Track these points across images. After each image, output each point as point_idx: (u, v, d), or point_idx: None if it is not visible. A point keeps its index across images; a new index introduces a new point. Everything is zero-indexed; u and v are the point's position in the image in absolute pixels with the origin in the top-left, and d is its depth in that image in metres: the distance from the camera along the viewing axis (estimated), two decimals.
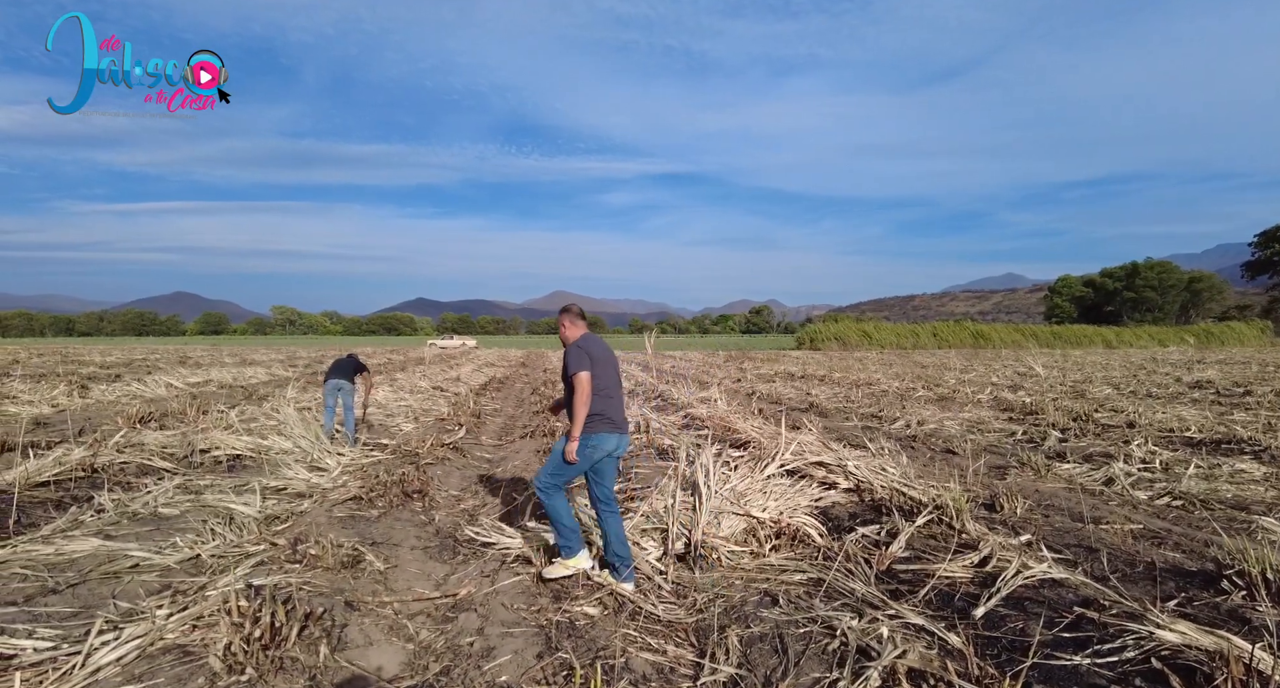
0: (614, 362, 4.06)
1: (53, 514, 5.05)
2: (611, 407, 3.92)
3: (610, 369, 3.98)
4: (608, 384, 3.92)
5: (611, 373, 3.99)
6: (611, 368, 4.01)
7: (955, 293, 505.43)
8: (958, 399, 14.32)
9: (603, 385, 3.87)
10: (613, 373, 4.00)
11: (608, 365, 3.97)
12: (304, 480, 6.16)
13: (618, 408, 3.97)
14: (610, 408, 3.90)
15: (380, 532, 4.83)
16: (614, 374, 4.01)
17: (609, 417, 3.89)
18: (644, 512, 4.51)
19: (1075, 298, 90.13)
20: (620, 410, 3.98)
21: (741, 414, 10.49)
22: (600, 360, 3.91)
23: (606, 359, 3.98)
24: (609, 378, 3.95)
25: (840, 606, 3.53)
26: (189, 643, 2.94)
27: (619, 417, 3.95)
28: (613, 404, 3.93)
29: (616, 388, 4.01)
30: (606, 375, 3.92)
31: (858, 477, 6.18)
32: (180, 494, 5.58)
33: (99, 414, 10.66)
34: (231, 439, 7.37)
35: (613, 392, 3.95)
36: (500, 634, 3.24)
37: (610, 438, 3.89)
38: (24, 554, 4.02)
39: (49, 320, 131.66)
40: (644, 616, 3.48)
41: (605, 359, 3.97)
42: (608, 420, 3.88)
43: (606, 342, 4.16)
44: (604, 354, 3.98)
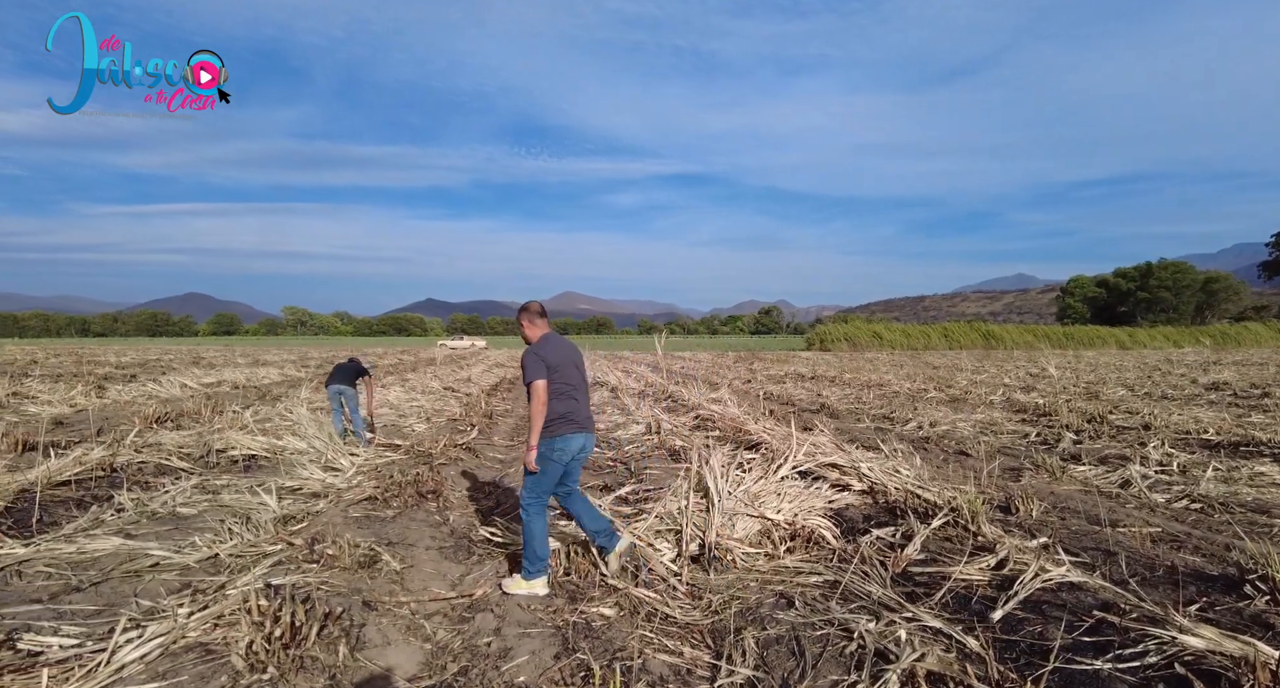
0: (575, 360, 4.00)
1: (74, 513, 5.11)
2: (575, 407, 3.88)
3: (571, 369, 3.93)
4: (569, 385, 3.88)
5: (573, 373, 3.93)
6: (573, 368, 3.94)
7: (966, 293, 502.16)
8: (970, 400, 14.23)
9: (563, 387, 3.84)
10: (574, 373, 3.94)
11: (568, 366, 3.91)
12: (319, 481, 6.21)
13: (582, 408, 3.93)
14: (573, 409, 3.87)
15: (396, 532, 4.85)
16: (576, 374, 3.95)
17: (572, 417, 3.85)
18: (657, 513, 4.51)
19: (1088, 298, 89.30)
20: (585, 410, 3.95)
21: (752, 416, 10.48)
22: (558, 364, 3.85)
23: (565, 361, 3.91)
24: (570, 378, 3.90)
25: (857, 608, 3.52)
26: (211, 641, 2.97)
27: (583, 416, 3.92)
28: (576, 405, 3.90)
29: (579, 388, 3.95)
30: (567, 376, 3.88)
31: (871, 479, 6.15)
32: (198, 494, 5.63)
33: (116, 414, 10.78)
34: (247, 440, 7.43)
35: (575, 393, 3.91)
36: (517, 635, 3.26)
37: (576, 438, 3.85)
38: (47, 553, 4.08)
39: (65, 321, 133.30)
40: (660, 617, 3.48)
41: (564, 361, 3.90)
42: (571, 421, 3.84)
43: (567, 339, 4.11)
44: (562, 356, 3.91)
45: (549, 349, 3.87)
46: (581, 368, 4.04)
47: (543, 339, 3.98)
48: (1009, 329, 61.28)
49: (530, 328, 4.04)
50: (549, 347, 3.90)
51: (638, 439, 9.15)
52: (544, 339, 3.98)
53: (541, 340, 3.97)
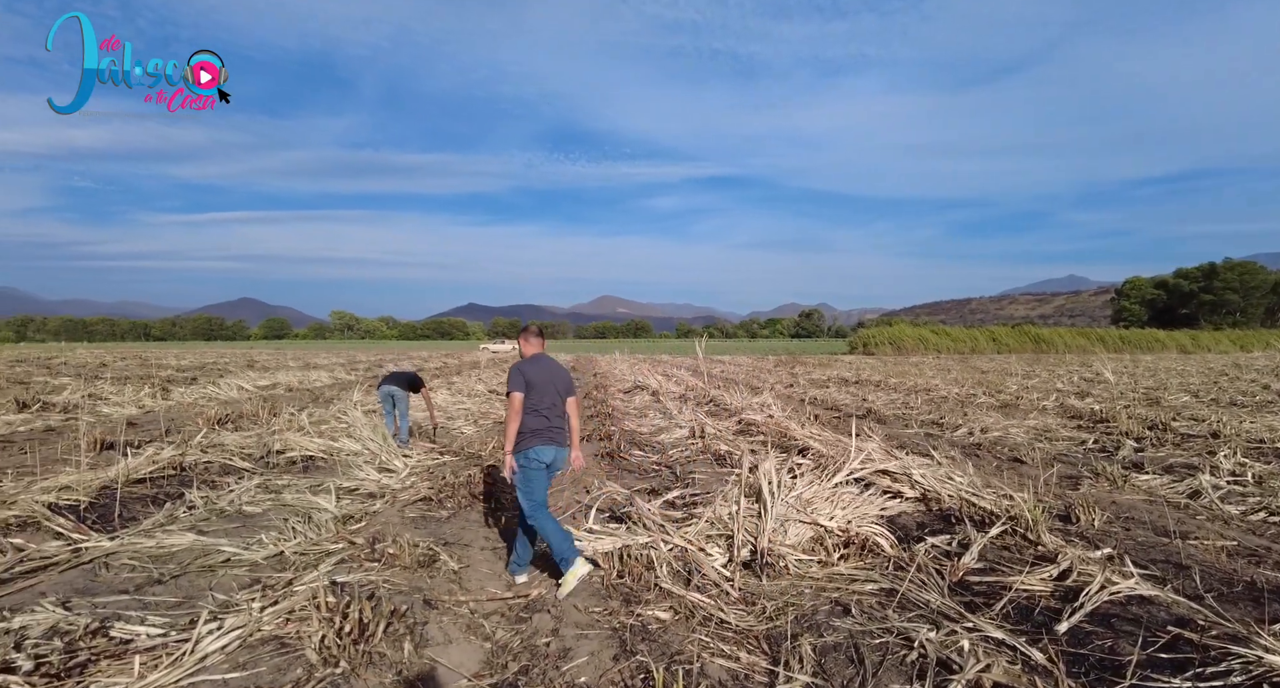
0: (556, 381, 4.27)
1: (150, 509, 5.38)
2: (548, 423, 4.16)
3: (549, 388, 4.21)
4: (544, 403, 4.16)
5: (549, 391, 4.21)
6: (550, 387, 4.22)
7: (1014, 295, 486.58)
8: (1021, 406, 13.82)
9: (538, 404, 4.14)
10: (550, 392, 4.22)
11: (545, 386, 4.19)
12: (374, 481, 6.39)
13: (555, 424, 4.20)
14: (545, 425, 4.14)
15: (451, 532, 4.97)
16: (552, 393, 4.23)
17: (542, 432, 4.12)
18: (708, 518, 4.51)
19: (1146, 301, 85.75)
20: (558, 426, 4.21)
21: (797, 421, 10.38)
22: (537, 383, 4.16)
23: (545, 380, 4.21)
24: (546, 397, 4.18)
25: (915, 617, 3.47)
26: (285, 635, 3.09)
27: (556, 432, 4.18)
28: (548, 422, 4.16)
29: (553, 407, 4.22)
30: (544, 395, 4.17)
31: (924, 486, 6.04)
32: (261, 493, 5.86)
33: (181, 415, 11.27)
34: (304, 441, 7.69)
35: (549, 411, 4.18)
36: (575, 636, 3.30)
37: (547, 450, 4.12)
38: (130, 547, 4.30)
39: (128, 326, 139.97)
40: (715, 622, 3.49)
41: (544, 380, 4.20)
42: (542, 435, 4.11)
43: (554, 361, 4.41)
44: (543, 376, 4.21)
45: (532, 368, 4.22)
46: (562, 389, 4.31)
47: (531, 358, 4.33)
48: (1060, 332, 59.15)
49: (525, 346, 4.43)
50: (534, 366, 4.24)
51: (681, 443, 9.14)
52: (532, 358, 4.33)
53: (529, 359, 4.33)
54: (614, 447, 8.23)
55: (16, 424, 9.52)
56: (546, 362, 4.35)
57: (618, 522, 5.06)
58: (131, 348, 63.43)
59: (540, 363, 4.30)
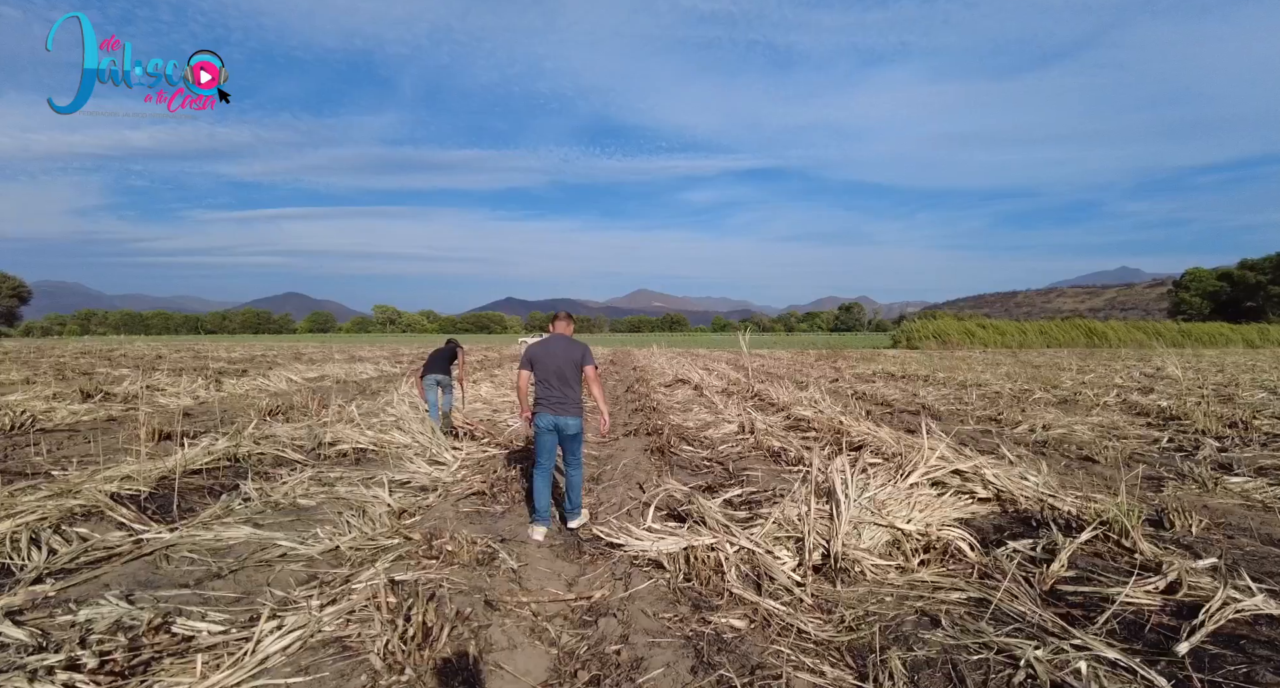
0: (559, 358, 4.88)
1: (207, 501, 5.38)
2: (545, 393, 4.88)
3: (550, 364, 4.87)
4: (544, 377, 4.87)
5: (550, 368, 4.86)
6: (552, 363, 4.87)
7: (1063, 288, 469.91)
8: (1081, 402, 13.19)
9: (541, 378, 4.88)
10: (551, 368, 4.86)
11: (545, 362, 4.88)
12: (425, 474, 6.32)
13: (551, 395, 4.86)
14: (544, 394, 4.88)
15: (507, 528, 4.84)
16: (553, 369, 4.85)
17: (543, 401, 4.88)
18: (775, 519, 4.28)
19: (1207, 293, 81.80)
20: (554, 397, 4.85)
21: (850, 416, 10.03)
22: (540, 359, 4.90)
23: (548, 357, 4.89)
24: (546, 370, 4.86)
25: (1012, 630, 3.18)
26: (346, 637, 2.98)
27: (557, 404, 4.84)
28: (546, 392, 4.87)
29: (549, 381, 4.86)
30: (544, 368, 4.87)
31: (997, 486, 5.70)
32: (314, 486, 5.82)
33: (233, 406, 11.47)
34: (354, 434, 7.68)
35: (548, 381, 4.86)
36: (646, 644, 3.11)
37: (545, 416, 4.86)
38: (189, 539, 4.27)
39: (182, 320, 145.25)
40: (794, 632, 3.26)
41: (546, 357, 4.89)
42: (542, 404, 4.88)
43: (567, 340, 5.01)
44: (546, 354, 4.90)
45: (538, 348, 4.97)
46: (567, 362, 4.89)
47: (544, 339, 5.05)
48: (1114, 325, 56.79)
49: (551, 328, 5.21)
50: (541, 346, 4.98)
51: (730, 439, 8.90)
52: (544, 339, 5.04)
53: (541, 340, 5.07)
54: (663, 442, 8.02)
55: (81, 414, 9.78)
56: (555, 341, 4.97)
57: (677, 520, 4.86)
58: (185, 341, 65.76)
59: (548, 343, 4.97)
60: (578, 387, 4.95)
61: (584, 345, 5.04)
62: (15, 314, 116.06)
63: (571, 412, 4.86)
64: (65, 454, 7.03)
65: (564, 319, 5.20)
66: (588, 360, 4.91)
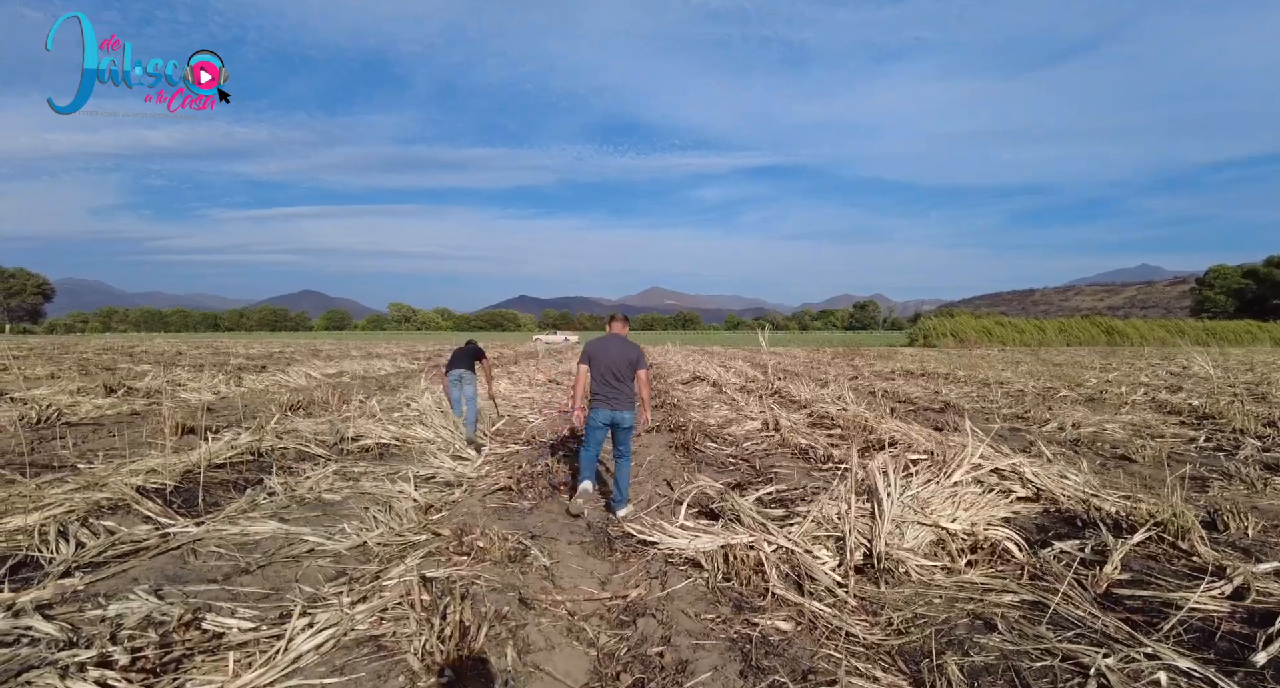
0: (616, 356, 5.15)
1: (231, 494, 5.33)
2: (602, 389, 5.14)
3: (605, 362, 5.13)
4: (600, 374, 5.13)
5: (605, 366, 5.12)
6: (607, 361, 5.13)
7: (1081, 286, 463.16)
8: (1108, 400, 12.91)
9: (597, 375, 5.14)
10: (607, 366, 5.12)
11: (603, 360, 5.13)
12: (450, 469, 6.24)
13: (608, 391, 5.13)
14: (600, 391, 5.14)
15: (536, 524, 4.73)
16: (609, 367, 5.12)
17: (598, 397, 5.14)
18: (814, 518, 4.13)
19: (1232, 291, 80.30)
20: (610, 393, 5.12)
21: (875, 414, 9.84)
22: (596, 357, 5.16)
23: (603, 356, 5.15)
24: (602, 369, 5.12)
25: (1074, 636, 3.03)
26: (381, 636, 2.88)
27: (612, 400, 5.12)
28: (603, 388, 5.13)
29: (606, 378, 5.12)
30: (600, 367, 5.13)
31: (1036, 485, 5.53)
32: (339, 481, 5.76)
33: (254, 402, 11.49)
34: (377, 429, 7.63)
35: (605, 378, 5.12)
36: (691, 646, 2.99)
37: (602, 411, 5.13)
38: (216, 534, 4.20)
39: (200, 317, 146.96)
40: (842, 635, 3.12)
41: (602, 356, 5.16)
42: (598, 399, 5.14)
43: (623, 341, 5.29)
44: (602, 352, 5.17)
45: (596, 346, 5.22)
46: (623, 362, 5.15)
47: (601, 338, 5.31)
48: (1134, 324, 55.81)
49: (608, 328, 5.51)
50: (598, 345, 5.23)
51: (754, 436, 8.75)
52: (601, 338, 5.31)
53: (598, 339, 5.32)
54: (688, 438, 7.89)
55: (105, 408, 9.82)
56: (611, 341, 5.24)
57: (710, 518, 4.74)
58: (204, 338, 66.53)
59: (605, 342, 5.23)
60: (631, 383, 5.22)
61: (639, 347, 5.34)
62: (40, 311, 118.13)
63: (626, 406, 5.17)
64: (90, 448, 7.03)
65: (620, 321, 5.54)
66: (642, 364, 5.25)
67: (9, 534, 4.08)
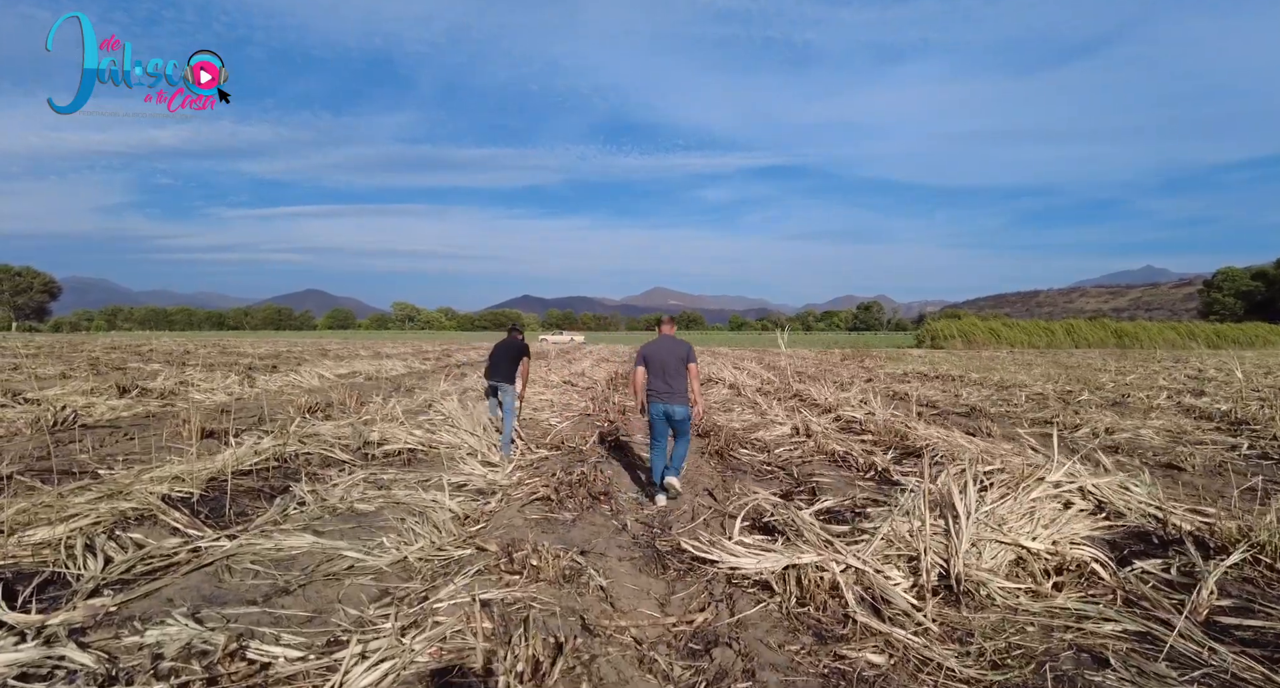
0: (666, 355, 5.60)
1: (260, 503, 5.11)
2: (658, 386, 5.59)
3: (659, 360, 5.60)
4: (657, 371, 5.60)
5: (659, 364, 5.59)
6: (661, 359, 5.60)
7: (1085, 288, 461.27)
8: (1132, 404, 12.64)
9: (653, 372, 5.61)
10: (661, 364, 5.59)
11: (657, 359, 5.61)
12: (481, 476, 6.01)
13: (663, 386, 5.56)
14: (657, 386, 5.60)
15: (581, 538, 4.49)
16: (662, 365, 5.58)
17: (656, 391, 5.59)
18: (884, 535, 3.89)
19: (1241, 292, 79.75)
20: (665, 389, 5.55)
21: (905, 419, 9.59)
22: (652, 356, 5.64)
23: (657, 355, 5.63)
24: (657, 367, 5.60)
25: (1201, 677, 2.76)
26: (445, 670, 2.64)
27: (666, 394, 5.54)
28: (660, 383, 5.58)
29: (661, 374, 5.58)
30: (655, 365, 5.61)
31: (1097, 497, 5.27)
32: (370, 489, 5.53)
33: (270, 403, 11.27)
34: (402, 433, 7.40)
35: (660, 375, 5.58)
36: (779, 683, 2.75)
37: (659, 405, 5.59)
38: (250, 548, 3.97)
39: (205, 316, 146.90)
40: (934, 667, 2.88)
41: (657, 355, 5.63)
42: (655, 392, 5.60)
43: (674, 339, 5.75)
44: (657, 352, 5.64)
45: (650, 347, 5.72)
46: (674, 358, 5.60)
47: (654, 340, 5.81)
48: (1145, 326, 55.32)
49: (659, 330, 5.98)
50: (652, 345, 5.73)
51: (785, 441, 8.50)
52: (655, 340, 5.80)
53: (652, 340, 5.81)
54: (722, 445, 7.65)
55: (120, 409, 9.61)
56: (665, 341, 5.73)
57: (764, 533, 4.49)
58: (209, 336, 66.45)
59: (660, 343, 5.71)
60: (684, 379, 5.61)
61: (688, 344, 5.74)
62: (45, 309, 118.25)
63: (680, 401, 5.56)
64: (109, 452, 6.82)
65: (668, 323, 6.01)
66: (692, 358, 5.67)
67: (34, 548, 3.86)
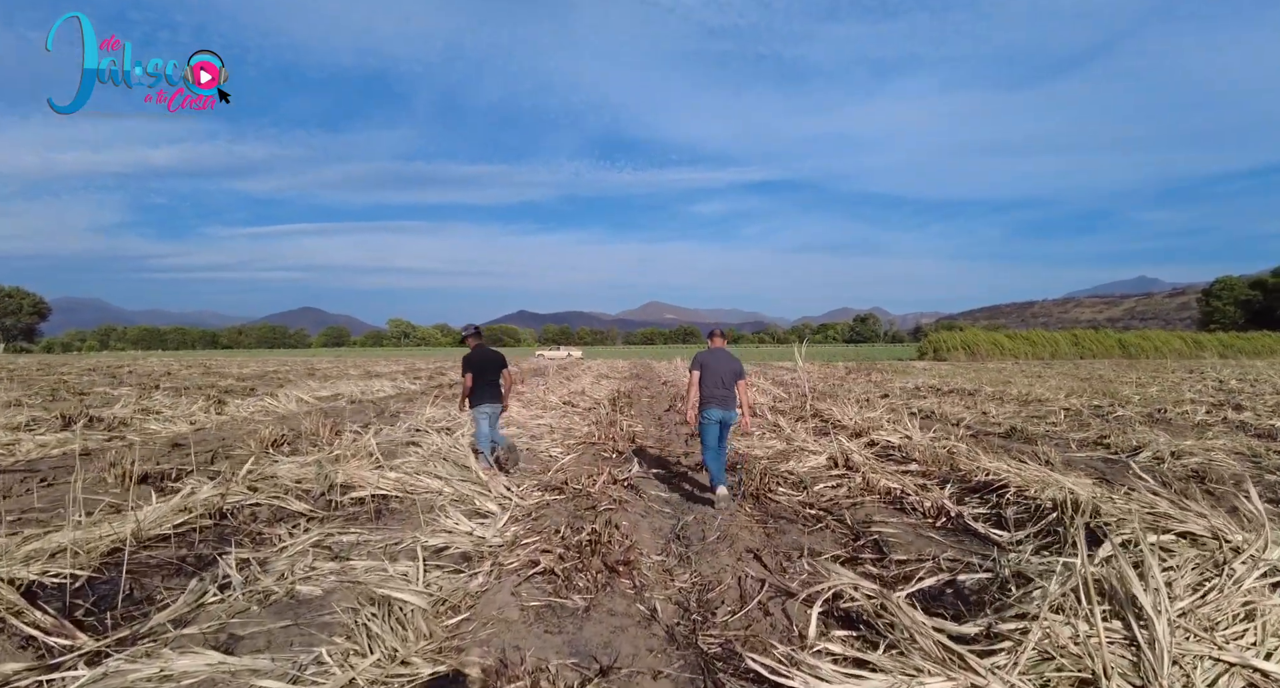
0: (724, 365, 6.00)
1: (172, 585, 3.88)
2: (714, 393, 5.94)
3: (716, 370, 5.97)
4: (713, 379, 5.95)
5: (716, 372, 5.96)
6: (718, 370, 5.97)
7: (1080, 298, 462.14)
8: (1173, 420, 11.55)
9: (709, 380, 5.96)
10: (717, 372, 5.96)
11: (713, 367, 5.98)
12: (466, 533, 4.80)
13: (719, 393, 5.94)
14: (711, 394, 5.95)
15: (598, 639, 3.26)
16: (719, 373, 5.96)
17: (711, 397, 5.95)
18: (1035, 644, 2.68)
19: (1240, 301, 79.14)
20: (719, 395, 5.94)
21: (950, 444, 8.40)
22: (708, 364, 6.01)
23: (714, 365, 5.99)
24: (714, 375, 5.96)
25: None
26: None
27: (718, 398, 5.94)
28: (715, 391, 5.94)
29: (718, 382, 5.95)
30: (712, 373, 5.96)
31: None
32: (321, 558, 4.30)
33: (232, 434, 10.02)
34: (373, 476, 6.17)
35: (716, 383, 5.95)
36: None
37: (715, 411, 5.94)
38: (119, 678, 2.73)
39: (198, 335, 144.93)
40: None
41: (713, 363, 6.00)
42: (710, 399, 5.95)
43: (728, 353, 6.19)
44: (713, 360, 6.03)
45: (708, 356, 6.10)
46: (729, 371, 6.00)
47: (709, 350, 6.19)
48: (1148, 335, 54.37)
49: (710, 343, 6.38)
50: (709, 355, 6.11)
51: (823, 476, 7.26)
52: (710, 350, 6.19)
53: (708, 350, 6.21)
54: (756, 485, 6.42)
55: (51, 445, 8.32)
56: (720, 353, 6.13)
57: (846, 626, 3.29)
58: (199, 356, 64.98)
59: (715, 353, 6.10)
60: (734, 389, 6.01)
61: (740, 361, 6.14)
62: (35, 330, 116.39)
63: (732, 407, 6.01)
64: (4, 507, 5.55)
65: (719, 337, 6.39)
66: (743, 374, 6.08)
67: None
